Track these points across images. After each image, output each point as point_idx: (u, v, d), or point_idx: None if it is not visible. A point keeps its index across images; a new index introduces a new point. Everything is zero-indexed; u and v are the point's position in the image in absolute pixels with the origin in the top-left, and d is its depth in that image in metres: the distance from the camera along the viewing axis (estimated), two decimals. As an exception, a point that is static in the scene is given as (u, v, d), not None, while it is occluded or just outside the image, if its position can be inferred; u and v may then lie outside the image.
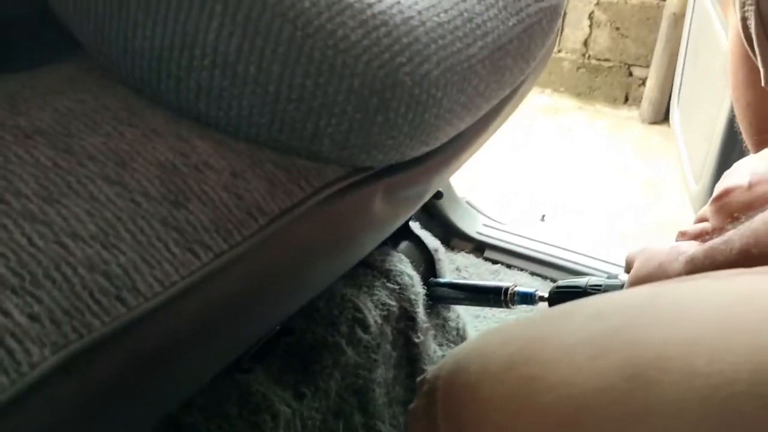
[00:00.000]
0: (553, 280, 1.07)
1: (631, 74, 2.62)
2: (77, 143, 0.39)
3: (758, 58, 0.71)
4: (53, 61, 0.48)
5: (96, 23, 0.44)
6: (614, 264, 1.20)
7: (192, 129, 0.44)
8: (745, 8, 0.70)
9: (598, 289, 0.76)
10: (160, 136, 0.42)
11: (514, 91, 0.64)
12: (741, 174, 0.63)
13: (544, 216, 1.89)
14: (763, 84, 0.73)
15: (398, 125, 0.46)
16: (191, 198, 0.39)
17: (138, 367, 0.34)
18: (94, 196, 0.36)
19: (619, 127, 2.54)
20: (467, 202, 1.35)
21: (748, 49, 0.73)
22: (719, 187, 0.63)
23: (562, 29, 2.67)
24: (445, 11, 0.49)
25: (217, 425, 0.64)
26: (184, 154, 0.42)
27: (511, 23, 0.54)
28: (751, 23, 0.70)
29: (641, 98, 2.53)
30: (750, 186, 0.61)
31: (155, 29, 0.42)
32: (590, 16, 2.62)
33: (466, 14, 0.50)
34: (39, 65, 0.47)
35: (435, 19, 0.48)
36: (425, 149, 0.51)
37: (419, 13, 0.47)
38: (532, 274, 1.22)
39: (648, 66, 2.50)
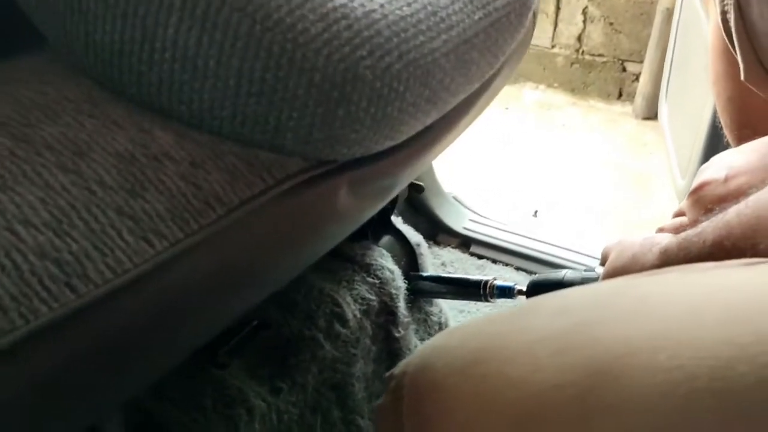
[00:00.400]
0: (538, 275, 1.08)
1: (624, 70, 2.62)
2: (36, 133, 0.39)
3: (738, 52, 0.72)
4: (18, 53, 0.48)
5: (57, 17, 0.44)
6: (600, 259, 1.20)
7: (154, 121, 0.45)
8: (725, 2, 0.71)
9: (575, 283, 0.77)
10: (120, 127, 0.43)
11: (485, 86, 0.65)
12: (717, 168, 0.64)
13: (536, 212, 1.90)
14: (742, 78, 0.74)
15: (360, 119, 0.47)
16: (148, 188, 0.39)
17: (89, 354, 0.35)
18: (49, 185, 0.37)
19: (612, 122, 2.54)
20: (454, 197, 1.36)
21: (728, 43, 0.73)
22: (696, 181, 0.64)
23: (556, 24, 2.67)
24: (408, 4, 0.49)
25: (191, 419, 0.64)
26: (143, 145, 0.42)
27: (476, 17, 0.55)
28: (731, 17, 0.71)
29: (635, 94, 2.54)
30: (726, 179, 0.61)
31: (115, 24, 0.43)
32: (584, 12, 2.62)
33: (429, 7, 0.51)
34: (3, 57, 0.47)
35: (397, 12, 0.48)
36: (390, 143, 0.51)
37: (381, 6, 0.48)
38: (518, 269, 1.22)
39: (642, 61, 2.50)
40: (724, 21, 0.72)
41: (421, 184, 0.96)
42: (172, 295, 0.39)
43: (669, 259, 0.54)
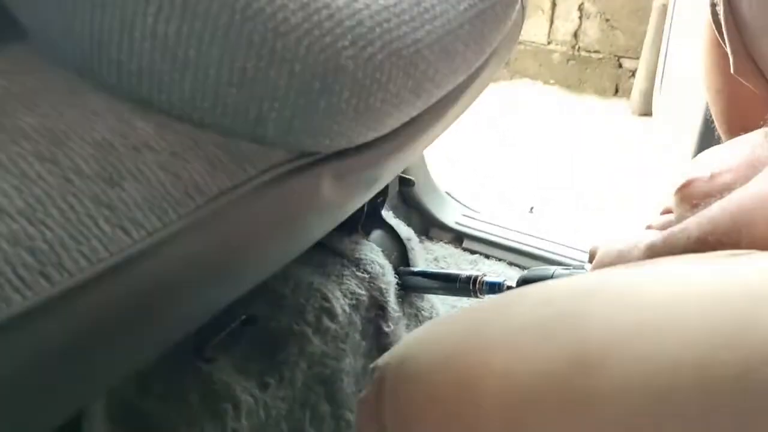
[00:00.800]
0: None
1: (620, 66, 2.62)
2: (12, 122, 0.39)
3: (727, 45, 0.72)
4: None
5: (36, 8, 0.44)
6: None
7: (134, 111, 0.44)
8: None
9: None
10: (99, 117, 0.42)
11: (472, 78, 0.64)
12: (703, 165, 0.64)
13: (532, 208, 1.90)
14: (732, 71, 0.73)
15: (342, 110, 0.47)
16: (126, 177, 0.39)
17: (64, 344, 0.34)
18: (25, 173, 0.36)
19: (609, 118, 2.54)
20: (446, 193, 1.36)
21: (718, 35, 0.73)
22: (682, 178, 0.64)
23: (552, 21, 2.67)
24: (391, -6, 0.49)
25: (177, 413, 0.64)
26: (123, 135, 0.42)
27: (462, 7, 0.54)
28: (720, 9, 0.70)
29: (631, 90, 2.54)
30: (711, 177, 0.61)
31: (94, 13, 0.42)
32: (580, 8, 2.62)
33: (413, -2, 0.50)
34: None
35: (380, 2, 0.48)
36: (374, 135, 0.51)
37: (364, -5, 0.47)
38: (510, 264, 1.22)
39: (638, 58, 2.50)
40: (714, 13, 0.72)
41: (411, 178, 0.96)
42: (150, 285, 0.38)
43: (654, 254, 0.54)
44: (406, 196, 1.28)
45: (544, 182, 2.06)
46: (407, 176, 0.96)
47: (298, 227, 0.50)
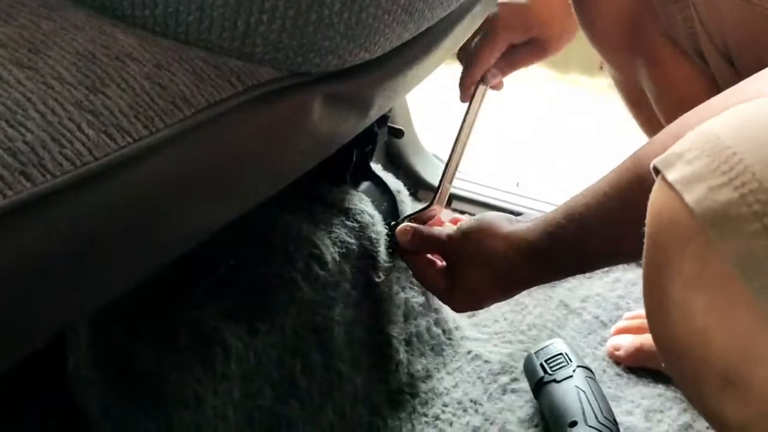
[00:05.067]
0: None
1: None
2: (-14, 30, 0.37)
3: (716, 74, 0.70)
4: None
5: None
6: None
7: (116, 25, 0.43)
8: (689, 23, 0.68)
9: None
10: (80, 29, 0.41)
11: (464, 10, 0.63)
12: None
13: (518, 183, 1.89)
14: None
15: (333, 24, 0.45)
16: (110, 84, 0.37)
17: (47, 249, 0.33)
18: (3, 78, 0.35)
19: (595, 96, 2.53)
20: (434, 155, 1.35)
21: (699, 61, 0.71)
22: None
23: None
24: None
25: (165, 357, 0.63)
26: (105, 46, 0.40)
27: (453, -72, 0.53)
28: (700, 39, 0.68)
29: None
30: None
31: None
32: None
33: None
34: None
35: None
36: (365, 55, 0.49)
37: None
38: (499, 223, 1.21)
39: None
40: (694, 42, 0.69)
41: (400, 128, 0.94)
42: (137, 194, 0.37)
43: None
44: (394, 156, 1.27)
45: (530, 160, 2.05)
46: (396, 126, 0.94)
47: (286, 149, 0.49)
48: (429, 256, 0.81)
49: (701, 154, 0.36)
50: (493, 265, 0.71)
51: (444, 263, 0.80)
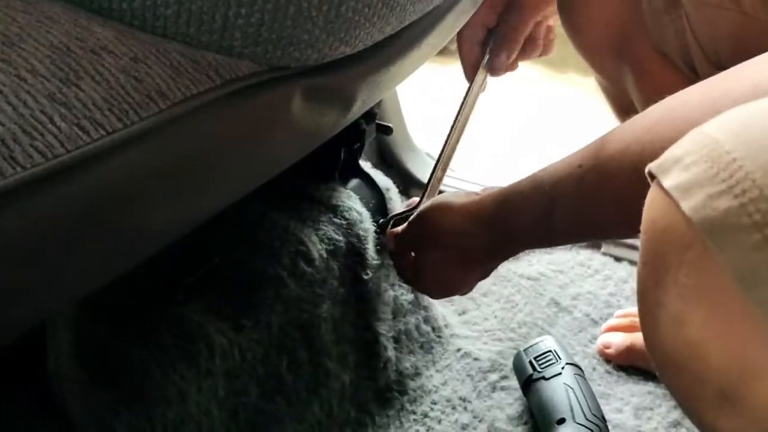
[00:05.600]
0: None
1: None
2: (-40, 22, 0.37)
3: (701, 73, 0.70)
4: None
5: None
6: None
7: (93, 18, 0.42)
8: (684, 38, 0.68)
9: None
10: (55, 22, 0.40)
11: (449, 6, 0.63)
12: None
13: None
14: None
15: (312, 18, 0.45)
16: (84, 77, 0.37)
17: (17, 245, 0.33)
18: (-27, 70, 0.35)
19: (591, 95, 2.53)
20: (426, 154, 1.34)
21: (688, 72, 0.71)
22: None
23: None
24: None
25: (149, 353, 0.63)
26: (80, 39, 0.40)
27: None
28: (691, 50, 0.68)
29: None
30: None
31: None
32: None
33: None
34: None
35: None
36: (345, 49, 0.49)
37: None
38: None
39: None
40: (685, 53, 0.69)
41: (389, 125, 0.94)
42: (111, 187, 0.36)
43: None
44: (385, 154, 1.27)
45: (524, 160, 2.05)
46: (385, 123, 0.94)
47: (266, 144, 0.49)
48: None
49: (699, 160, 0.34)
50: (454, 241, 0.72)
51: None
